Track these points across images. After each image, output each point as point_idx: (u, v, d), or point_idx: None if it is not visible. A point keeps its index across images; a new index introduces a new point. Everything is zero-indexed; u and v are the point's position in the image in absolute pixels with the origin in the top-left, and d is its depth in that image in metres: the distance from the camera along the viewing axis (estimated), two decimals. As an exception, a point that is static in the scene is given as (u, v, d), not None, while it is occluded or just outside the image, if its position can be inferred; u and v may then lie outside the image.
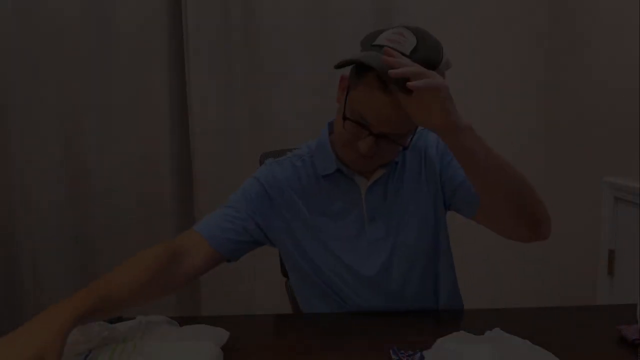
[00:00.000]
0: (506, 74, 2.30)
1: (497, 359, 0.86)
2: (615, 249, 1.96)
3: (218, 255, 1.08)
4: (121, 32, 2.02)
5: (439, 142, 1.15)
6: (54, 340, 0.76)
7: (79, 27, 2.00)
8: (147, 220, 2.11)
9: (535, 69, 2.29)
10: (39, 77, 2.00)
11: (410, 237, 1.13)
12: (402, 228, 1.13)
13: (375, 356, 0.93)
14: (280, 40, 2.05)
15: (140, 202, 2.11)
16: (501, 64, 2.29)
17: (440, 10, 2.14)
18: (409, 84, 0.88)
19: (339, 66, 0.99)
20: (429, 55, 0.96)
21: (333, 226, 1.12)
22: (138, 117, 2.07)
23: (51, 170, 2.05)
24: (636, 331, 0.97)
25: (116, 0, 2.00)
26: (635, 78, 1.82)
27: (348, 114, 1.01)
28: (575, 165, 2.18)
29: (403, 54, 0.94)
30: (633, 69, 1.83)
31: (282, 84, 2.07)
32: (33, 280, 2.08)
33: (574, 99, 2.19)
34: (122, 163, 2.08)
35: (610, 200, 1.96)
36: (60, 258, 2.08)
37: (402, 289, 1.14)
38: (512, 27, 2.27)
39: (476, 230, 1.19)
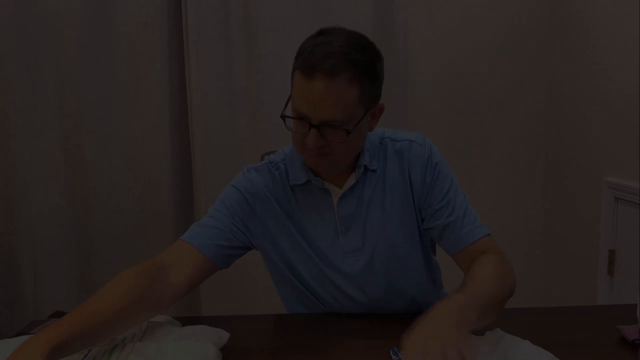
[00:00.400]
0: (506, 74, 2.30)
1: (497, 359, 0.86)
2: (615, 249, 1.96)
3: (209, 264, 1.06)
4: (121, 32, 2.02)
5: (429, 162, 1.10)
6: None
7: (79, 27, 2.00)
8: (147, 221, 2.11)
9: (536, 69, 2.29)
10: (39, 77, 2.00)
11: (388, 247, 1.10)
12: (379, 238, 1.10)
13: (375, 356, 0.93)
14: (281, 40, 2.05)
15: (140, 202, 2.11)
16: (501, 64, 2.29)
17: (439, 10, 2.14)
18: None
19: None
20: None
21: (309, 234, 1.11)
22: (138, 117, 2.07)
23: (51, 170, 2.05)
24: (636, 331, 0.97)
25: (116, 0, 2.00)
26: (635, 78, 1.82)
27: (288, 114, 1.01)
28: (575, 165, 2.19)
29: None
30: (633, 69, 1.83)
31: (282, 84, 2.07)
32: (33, 280, 2.08)
33: (574, 98, 2.19)
34: (122, 163, 2.08)
35: (610, 200, 1.96)
36: (60, 258, 2.08)
37: (383, 297, 1.14)
38: (513, 27, 2.27)
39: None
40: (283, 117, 1.02)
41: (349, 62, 0.95)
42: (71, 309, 0.86)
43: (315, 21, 2.06)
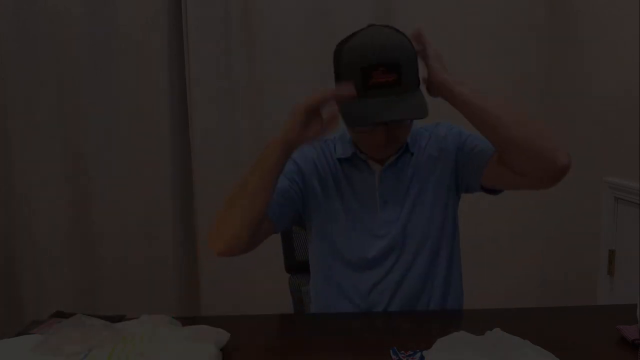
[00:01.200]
0: (506, 74, 2.30)
1: (498, 359, 0.86)
2: (615, 249, 1.96)
3: (269, 223, 1.11)
4: (121, 32, 2.02)
5: (457, 133, 1.20)
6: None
7: (79, 28, 2.00)
8: (147, 221, 2.11)
9: (535, 70, 2.29)
10: (39, 77, 2.00)
11: (421, 221, 1.16)
12: (414, 212, 1.17)
13: (375, 356, 0.93)
14: (281, 40, 2.05)
15: (140, 202, 2.11)
16: (501, 64, 2.29)
17: (439, 10, 2.14)
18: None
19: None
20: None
21: (350, 203, 1.17)
22: (138, 117, 2.07)
23: (51, 170, 2.05)
24: (636, 331, 0.97)
25: (117, 1, 2.00)
26: (635, 78, 1.82)
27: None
28: (575, 165, 2.18)
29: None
30: (633, 68, 1.83)
31: (282, 83, 2.07)
32: (33, 280, 2.08)
33: (574, 99, 2.19)
34: (122, 163, 2.08)
35: (610, 200, 1.96)
36: (60, 258, 2.08)
37: (406, 273, 1.16)
38: (512, 27, 2.27)
39: (476, 230, 1.20)
40: (348, 125, 1.10)
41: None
42: (71, 309, 0.87)
43: (315, 21, 2.06)
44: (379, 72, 1.00)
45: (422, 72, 1.08)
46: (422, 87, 1.09)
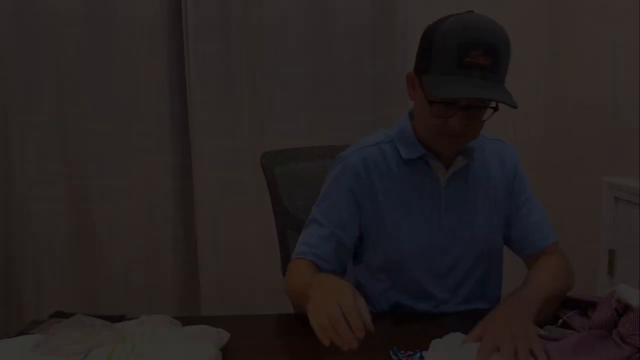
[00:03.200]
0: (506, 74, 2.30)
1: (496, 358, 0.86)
2: (615, 249, 1.96)
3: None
4: (121, 32, 2.02)
5: (517, 164, 1.21)
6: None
7: (79, 27, 2.00)
8: (147, 220, 2.11)
9: (536, 69, 2.29)
10: (39, 77, 2.00)
11: (481, 230, 1.16)
12: (475, 220, 1.15)
13: (375, 356, 0.93)
14: (280, 39, 2.05)
15: (140, 202, 2.10)
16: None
17: (439, 10, 2.14)
18: None
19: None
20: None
21: (409, 210, 1.14)
22: (138, 117, 2.07)
23: (51, 170, 2.05)
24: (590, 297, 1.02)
25: (117, 1, 2.00)
26: (636, 78, 1.82)
27: (429, 95, 1.01)
28: (575, 165, 2.18)
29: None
30: (633, 68, 1.83)
31: (282, 83, 2.07)
32: (33, 280, 2.08)
33: (574, 98, 2.19)
34: (122, 163, 2.08)
35: (610, 200, 1.96)
36: (60, 258, 2.08)
37: (460, 283, 1.17)
38: (513, 27, 2.27)
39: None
40: (430, 102, 1.01)
41: None
42: (71, 310, 0.87)
43: (315, 20, 2.06)
44: (476, 52, 0.95)
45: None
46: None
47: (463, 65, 0.96)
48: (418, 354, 0.91)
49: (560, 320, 1.02)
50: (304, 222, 1.20)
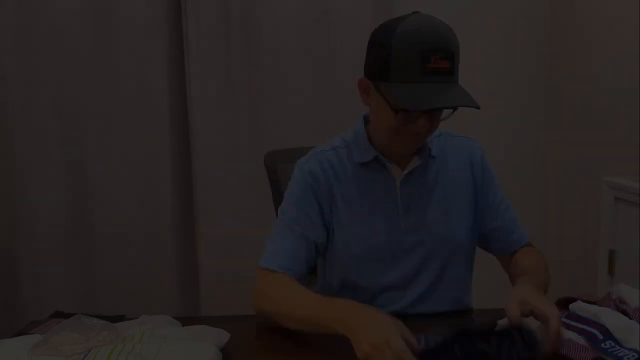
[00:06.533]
0: (507, 74, 2.30)
1: None
2: (615, 249, 1.96)
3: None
4: (121, 32, 2.02)
5: (484, 159, 1.21)
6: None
7: (79, 27, 2.00)
8: (147, 220, 2.11)
9: (536, 69, 2.29)
10: (39, 77, 2.00)
11: (442, 229, 1.15)
12: (438, 220, 1.14)
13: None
14: (280, 39, 2.05)
15: (140, 202, 2.10)
16: (501, 64, 2.29)
17: (440, 11, 2.14)
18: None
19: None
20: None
21: (365, 214, 1.13)
22: (138, 117, 2.07)
23: (51, 170, 2.05)
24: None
25: (117, 1, 2.00)
26: (635, 78, 1.82)
27: (392, 104, 1.01)
28: (575, 165, 2.18)
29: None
30: (633, 69, 1.83)
31: (282, 83, 2.07)
32: (33, 280, 2.08)
33: (574, 98, 2.19)
34: (122, 163, 2.08)
35: (610, 200, 1.95)
36: (60, 258, 2.08)
37: (432, 286, 1.16)
38: (513, 26, 2.27)
39: (476, 230, 1.20)
40: (396, 110, 1.01)
41: None
42: (71, 310, 0.87)
43: (315, 20, 2.07)
44: (436, 58, 0.96)
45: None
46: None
47: (425, 71, 0.97)
48: (445, 338, 0.90)
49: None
50: None
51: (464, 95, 0.99)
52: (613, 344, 0.90)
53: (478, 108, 0.98)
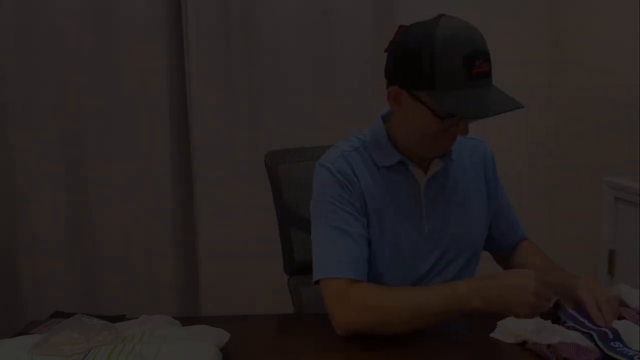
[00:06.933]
0: (507, 74, 2.29)
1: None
2: (615, 249, 1.96)
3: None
4: (121, 32, 2.02)
5: (492, 158, 1.25)
6: None
7: (79, 27, 2.00)
8: (147, 221, 2.11)
9: (537, 70, 2.29)
10: (39, 77, 2.00)
11: (467, 231, 1.16)
12: (458, 222, 1.15)
13: (375, 357, 0.93)
14: (280, 40, 2.05)
15: (140, 202, 2.10)
16: (502, 64, 2.29)
17: (440, 11, 2.14)
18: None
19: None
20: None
21: (390, 219, 1.11)
22: (138, 117, 2.07)
23: (51, 170, 2.05)
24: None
25: (117, 1, 2.00)
26: (635, 78, 1.82)
27: (439, 112, 0.99)
28: (575, 165, 2.18)
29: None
30: (633, 68, 1.83)
31: (282, 83, 2.07)
32: (33, 280, 2.08)
33: (574, 98, 2.19)
34: (122, 163, 2.08)
35: (610, 200, 1.95)
36: (60, 258, 2.08)
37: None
38: (514, 27, 2.27)
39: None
40: (442, 117, 0.99)
41: None
42: (71, 310, 0.87)
43: (315, 20, 2.06)
44: (479, 62, 0.96)
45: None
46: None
47: (472, 76, 0.96)
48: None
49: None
50: (308, 221, 1.16)
51: (509, 98, 0.99)
52: (622, 345, 0.90)
53: (523, 107, 0.97)
